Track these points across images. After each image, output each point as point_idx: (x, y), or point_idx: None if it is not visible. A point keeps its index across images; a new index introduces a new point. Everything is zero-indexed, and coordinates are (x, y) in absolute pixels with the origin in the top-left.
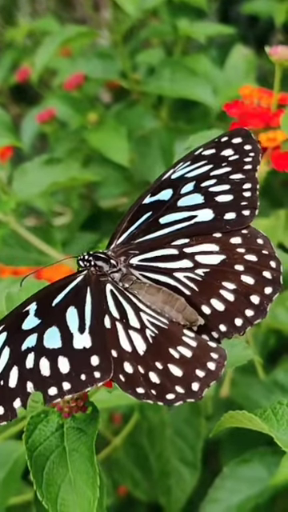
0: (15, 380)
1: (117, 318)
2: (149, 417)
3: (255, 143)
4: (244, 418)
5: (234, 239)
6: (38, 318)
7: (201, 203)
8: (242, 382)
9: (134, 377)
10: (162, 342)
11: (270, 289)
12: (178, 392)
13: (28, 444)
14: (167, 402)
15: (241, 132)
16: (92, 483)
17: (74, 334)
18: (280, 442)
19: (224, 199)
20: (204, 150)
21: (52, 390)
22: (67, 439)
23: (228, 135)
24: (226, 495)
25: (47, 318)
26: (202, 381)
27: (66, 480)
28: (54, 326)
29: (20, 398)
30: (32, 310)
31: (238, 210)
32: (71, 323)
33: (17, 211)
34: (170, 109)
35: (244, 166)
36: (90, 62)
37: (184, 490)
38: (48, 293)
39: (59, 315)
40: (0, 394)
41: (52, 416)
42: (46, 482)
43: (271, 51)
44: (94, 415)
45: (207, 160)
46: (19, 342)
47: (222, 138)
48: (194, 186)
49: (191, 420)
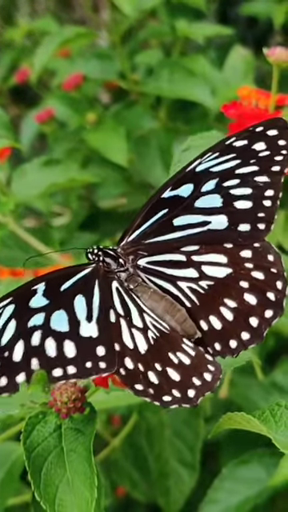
0: (20, 354)
1: (121, 315)
2: (147, 418)
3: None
4: (242, 419)
5: (245, 252)
6: (46, 299)
7: (218, 207)
8: (240, 383)
9: (134, 373)
10: (163, 345)
11: (271, 312)
12: (174, 395)
13: (26, 445)
14: (163, 403)
15: (278, 122)
16: (90, 484)
17: (82, 322)
18: (278, 443)
19: (243, 206)
20: (236, 140)
21: (57, 372)
22: (65, 440)
23: (264, 125)
24: (224, 496)
25: (55, 301)
26: (197, 389)
27: (64, 480)
28: (62, 309)
29: (25, 373)
30: (40, 290)
31: (254, 223)
32: (79, 311)
33: (16, 212)
34: (169, 109)
35: (272, 167)
36: (89, 62)
37: (183, 490)
38: (57, 277)
39: (67, 300)
40: (4, 365)
41: (50, 417)
42: (43, 483)
43: (269, 52)
44: (92, 416)
45: (237, 153)
46: (26, 317)
47: (257, 127)
48: (216, 184)
49: (190, 421)
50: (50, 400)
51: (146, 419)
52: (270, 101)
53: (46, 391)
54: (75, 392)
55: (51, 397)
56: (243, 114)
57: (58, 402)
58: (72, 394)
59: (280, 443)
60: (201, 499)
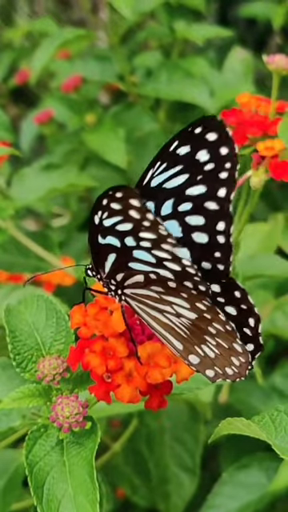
0: None
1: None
2: (148, 423)
3: (232, 145)
4: (242, 424)
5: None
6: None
7: (180, 237)
8: (240, 388)
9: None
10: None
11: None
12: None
13: (28, 459)
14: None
15: (213, 123)
16: (92, 499)
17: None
18: (278, 449)
19: (200, 239)
20: (179, 146)
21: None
22: (67, 454)
23: (200, 125)
24: (224, 501)
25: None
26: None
27: (67, 495)
28: None
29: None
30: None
31: (213, 262)
32: None
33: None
34: (168, 111)
35: (218, 190)
36: (88, 64)
37: (183, 495)
38: None
39: None
40: None
41: (52, 430)
42: (46, 498)
43: (269, 60)
44: (94, 429)
45: (183, 164)
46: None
47: (195, 128)
48: (172, 206)
49: (190, 426)
50: (51, 415)
51: (146, 424)
52: (270, 108)
53: (48, 405)
54: (77, 406)
55: (52, 411)
56: (243, 121)
57: (59, 416)
58: (73, 409)
59: (279, 449)
60: (201, 504)
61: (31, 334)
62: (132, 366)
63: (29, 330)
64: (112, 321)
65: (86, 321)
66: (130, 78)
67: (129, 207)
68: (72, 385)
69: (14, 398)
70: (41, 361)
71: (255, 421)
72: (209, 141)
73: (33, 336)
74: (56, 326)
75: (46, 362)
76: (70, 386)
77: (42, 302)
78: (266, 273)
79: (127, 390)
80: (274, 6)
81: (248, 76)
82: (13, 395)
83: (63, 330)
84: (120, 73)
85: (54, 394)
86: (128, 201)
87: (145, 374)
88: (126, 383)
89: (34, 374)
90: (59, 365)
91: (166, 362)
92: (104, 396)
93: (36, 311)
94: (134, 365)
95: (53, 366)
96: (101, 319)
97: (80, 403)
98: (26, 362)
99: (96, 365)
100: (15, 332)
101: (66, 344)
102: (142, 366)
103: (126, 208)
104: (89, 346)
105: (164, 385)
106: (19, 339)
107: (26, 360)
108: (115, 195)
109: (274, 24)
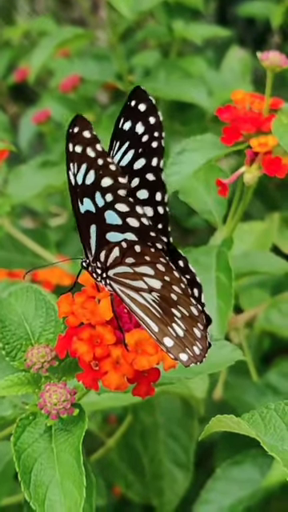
0: None
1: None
2: (142, 419)
3: (157, 113)
4: (232, 422)
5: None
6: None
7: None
8: (235, 384)
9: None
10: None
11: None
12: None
13: (16, 446)
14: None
15: (142, 94)
16: (79, 484)
17: None
18: (267, 446)
19: (149, 213)
20: (124, 123)
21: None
22: (55, 440)
23: (135, 98)
24: (217, 497)
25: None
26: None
27: (54, 481)
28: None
29: None
30: None
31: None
32: None
33: (13, 212)
34: (166, 110)
35: (152, 160)
36: (87, 63)
37: (177, 491)
38: None
39: None
40: None
41: (40, 418)
42: (33, 484)
43: (263, 56)
44: (81, 417)
45: (129, 140)
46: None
47: (131, 101)
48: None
49: (184, 422)
50: (39, 401)
51: (141, 420)
52: (264, 104)
53: (37, 393)
54: (64, 393)
55: (41, 398)
56: (237, 117)
57: (47, 403)
58: (61, 396)
59: (268, 446)
60: (195, 499)
61: (21, 323)
62: (119, 353)
63: (18, 320)
64: (99, 309)
65: (73, 309)
66: (128, 77)
67: (85, 143)
68: (61, 373)
69: (3, 386)
70: (29, 349)
71: (245, 418)
72: (141, 112)
73: (22, 326)
74: (45, 316)
75: (34, 351)
76: (59, 375)
77: (31, 293)
78: (260, 270)
79: (114, 377)
80: (272, 6)
81: (246, 75)
82: (2, 383)
83: (52, 320)
84: (118, 72)
85: (43, 381)
86: (82, 134)
87: (132, 360)
88: (114, 370)
89: (23, 362)
90: (47, 353)
91: (153, 350)
92: (91, 383)
93: (26, 302)
94: (121, 352)
95: (41, 355)
96: (88, 308)
97: (68, 390)
98: (15, 351)
99: (83, 352)
100: (5, 322)
101: (55, 334)
102: (129, 353)
103: (84, 146)
104: (76, 334)
105: (151, 372)
106: (9, 329)
107: (16, 349)
108: (74, 131)
109: (273, 23)
